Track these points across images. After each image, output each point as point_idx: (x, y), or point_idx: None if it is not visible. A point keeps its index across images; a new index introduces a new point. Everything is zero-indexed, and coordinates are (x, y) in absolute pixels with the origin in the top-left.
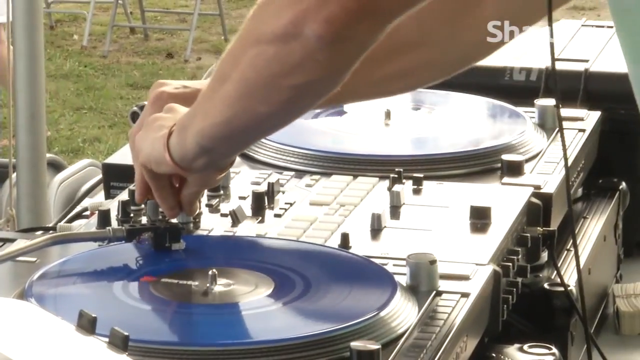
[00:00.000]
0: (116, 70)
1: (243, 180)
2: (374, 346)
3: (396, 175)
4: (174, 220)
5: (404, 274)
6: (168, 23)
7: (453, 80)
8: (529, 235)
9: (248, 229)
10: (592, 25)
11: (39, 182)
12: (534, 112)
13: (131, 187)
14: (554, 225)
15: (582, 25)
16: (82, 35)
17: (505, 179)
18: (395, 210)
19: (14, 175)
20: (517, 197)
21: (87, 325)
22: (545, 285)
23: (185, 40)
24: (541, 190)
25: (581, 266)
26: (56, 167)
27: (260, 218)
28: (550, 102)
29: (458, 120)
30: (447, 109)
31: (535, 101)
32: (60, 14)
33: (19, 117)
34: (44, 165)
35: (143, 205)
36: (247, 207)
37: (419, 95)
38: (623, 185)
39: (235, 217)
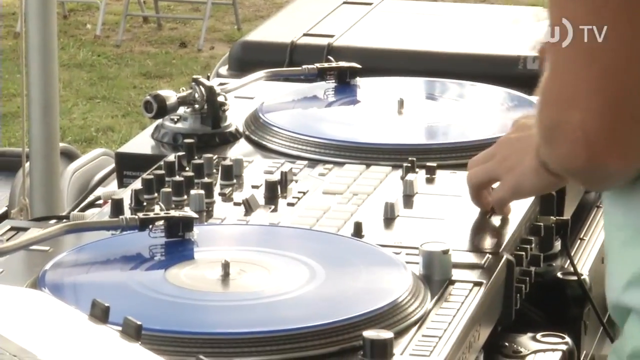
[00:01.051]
0: (129, 60)
1: (256, 169)
2: (386, 335)
3: (409, 164)
4: (188, 210)
5: (417, 263)
6: (181, 12)
7: (466, 70)
8: (542, 224)
9: (261, 217)
10: None
11: (52, 172)
12: None
13: (144, 175)
14: (567, 215)
15: None
16: (95, 25)
17: None
18: (408, 199)
19: (27, 165)
20: None
21: (100, 314)
22: (559, 275)
23: (199, 30)
24: None
25: (594, 255)
26: (69, 156)
27: (273, 207)
28: None
29: (471, 109)
30: (460, 98)
31: None
32: (73, 3)
33: (32, 107)
34: (57, 154)
35: (156, 194)
36: (260, 196)
37: (432, 85)
38: None
39: (248, 206)
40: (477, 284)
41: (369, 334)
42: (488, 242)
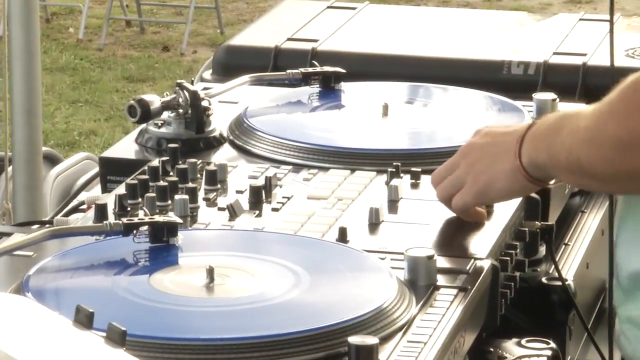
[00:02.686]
0: (112, 64)
1: (240, 174)
2: (372, 341)
3: (394, 170)
4: (172, 215)
5: (402, 269)
6: (164, 16)
7: (451, 74)
8: (527, 229)
9: (245, 223)
10: (590, 19)
11: (35, 176)
12: (532, 106)
13: (128, 180)
14: (552, 220)
15: (580, 19)
16: (77, 28)
17: None
18: (393, 205)
19: (9, 169)
20: None
21: (85, 320)
22: (544, 280)
23: (182, 34)
24: None
25: (579, 260)
26: (52, 160)
27: (257, 212)
28: (549, 96)
29: (456, 114)
30: (445, 103)
31: (533, 95)
32: (56, 7)
33: (15, 111)
34: (40, 158)
35: (140, 199)
36: (244, 201)
37: (416, 89)
38: None
39: (233, 211)
40: (462, 289)
41: (355, 339)
42: (473, 248)
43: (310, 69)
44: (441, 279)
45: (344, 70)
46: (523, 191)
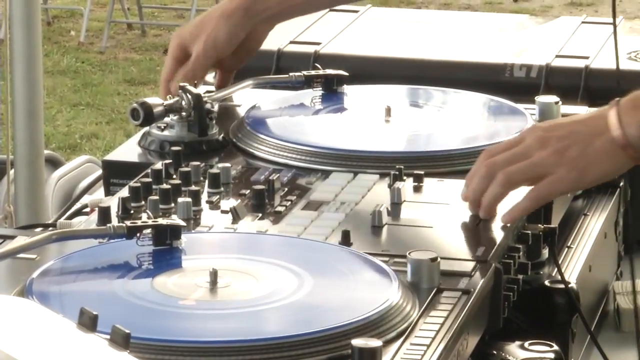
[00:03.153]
0: (113, 67)
1: (243, 177)
2: (375, 344)
3: (397, 172)
4: (175, 218)
5: (405, 271)
6: (165, 19)
7: (453, 77)
8: (529, 232)
9: (248, 226)
10: (592, 22)
11: (37, 179)
12: (534, 109)
13: (131, 183)
14: (554, 223)
15: (582, 22)
16: (79, 32)
17: None
18: (396, 207)
19: (11, 172)
20: (518, 194)
21: (89, 322)
22: (546, 283)
23: None
24: None
25: (581, 263)
26: (54, 163)
27: (260, 215)
28: (551, 98)
29: (459, 117)
30: (447, 106)
31: (535, 98)
32: (57, 10)
33: (17, 114)
34: (41, 161)
35: (143, 202)
36: (247, 204)
37: (419, 92)
38: (623, 182)
39: (236, 214)
40: (465, 292)
41: (358, 342)
42: (476, 250)
43: (312, 72)
44: (444, 282)
45: (346, 73)
46: (620, 170)
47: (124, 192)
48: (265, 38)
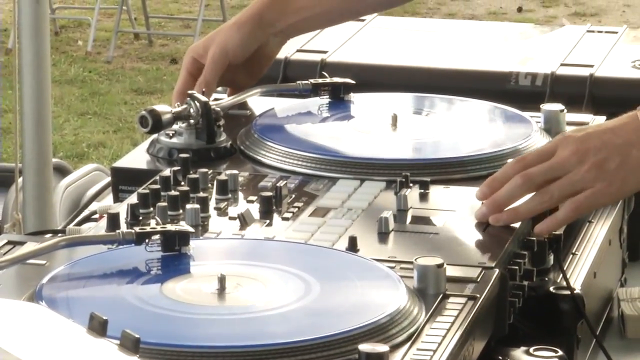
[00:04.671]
0: (120, 76)
1: (251, 183)
2: (382, 348)
3: (403, 179)
4: (184, 224)
5: (412, 277)
6: (172, 29)
7: (459, 85)
8: (535, 239)
9: (256, 232)
10: (597, 31)
11: (45, 187)
12: (539, 116)
13: (140, 190)
14: (559, 230)
15: (587, 31)
16: (86, 41)
17: None
18: (402, 214)
19: (20, 180)
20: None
21: (98, 327)
22: (552, 289)
23: (189, 46)
24: None
25: (586, 270)
26: (62, 171)
27: (268, 221)
28: (556, 106)
29: (464, 124)
30: (453, 114)
31: (541, 106)
32: (64, 20)
33: (25, 123)
34: (50, 169)
35: (152, 209)
36: (255, 210)
37: (425, 100)
38: None
39: (244, 220)
40: (471, 297)
41: (365, 347)
42: (482, 257)
43: (319, 80)
44: (450, 288)
45: (353, 81)
46: None
47: (133, 199)
48: (277, 53)
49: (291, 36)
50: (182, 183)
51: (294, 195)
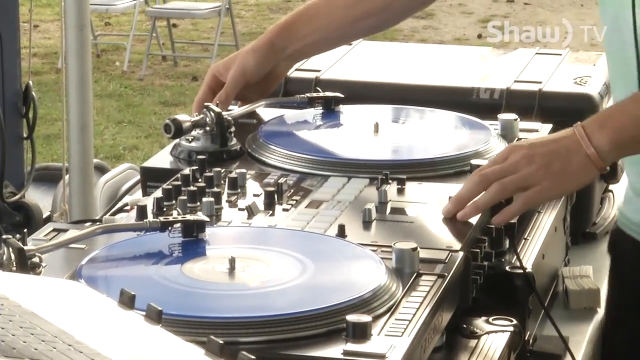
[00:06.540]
0: (151, 91)
1: (257, 180)
2: (366, 319)
3: (384, 177)
4: (200, 215)
5: (391, 259)
6: (193, 52)
7: (430, 98)
8: (493, 226)
9: (261, 221)
10: (544, 53)
11: (88, 183)
12: (497, 124)
13: (164, 186)
14: (514, 219)
15: (536, 53)
16: (122, 62)
17: None
18: (382, 206)
19: (66, 177)
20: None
21: (128, 301)
22: (507, 268)
23: (208, 66)
24: None
25: (536, 252)
26: (101, 170)
27: (271, 212)
28: (511, 116)
29: (434, 131)
30: (425, 122)
31: (498, 115)
32: (104, 45)
33: (71, 129)
34: (91, 168)
35: (174, 201)
36: (260, 202)
37: (402, 111)
38: None
39: (251, 211)
40: (441, 276)
41: (351, 317)
42: (449, 242)
43: (314, 94)
44: (423, 267)
45: (342, 95)
46: (591, 180)
47: (158, 193)
48: (285, 74)
49: (298, 60)
50: (200, 180)
51: (292, 190)
